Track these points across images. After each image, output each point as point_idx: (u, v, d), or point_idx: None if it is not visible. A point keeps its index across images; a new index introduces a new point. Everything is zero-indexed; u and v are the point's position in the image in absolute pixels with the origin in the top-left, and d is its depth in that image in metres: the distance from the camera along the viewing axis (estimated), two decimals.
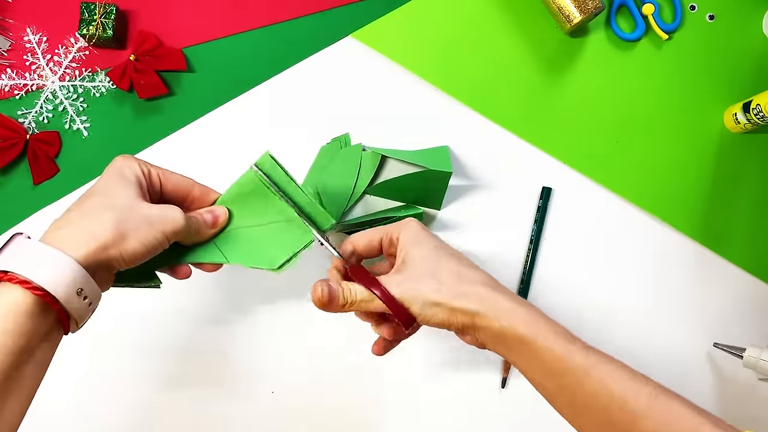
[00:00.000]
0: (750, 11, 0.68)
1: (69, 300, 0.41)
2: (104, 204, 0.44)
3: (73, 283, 0.41)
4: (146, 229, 0.44)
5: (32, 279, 0.39)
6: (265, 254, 0.52)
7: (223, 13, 0.68)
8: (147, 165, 0.49)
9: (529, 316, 0.46)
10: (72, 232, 0.42)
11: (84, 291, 0.41)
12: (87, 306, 0.42)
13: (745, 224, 0.66)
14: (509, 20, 0.68)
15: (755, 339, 0.65)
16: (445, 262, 0.48)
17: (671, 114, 0.67)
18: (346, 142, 0.66)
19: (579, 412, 0.46)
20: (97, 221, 0.43)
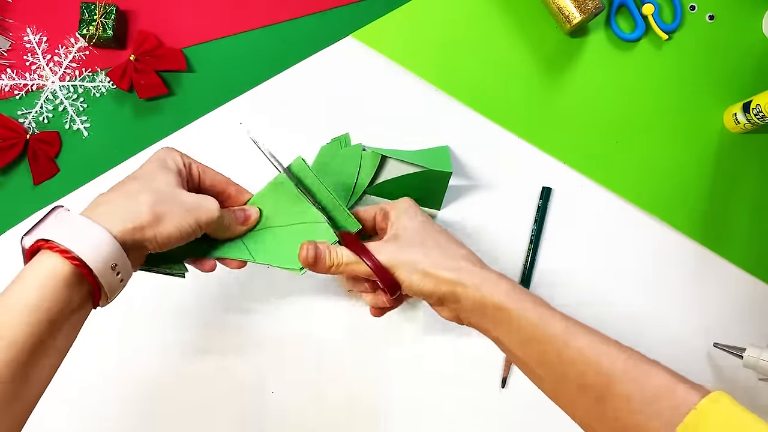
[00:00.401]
0: (750, 11, 0.68)
1: (103, 273, 0.42)
2: (144, 187, 0.46)
3: (108, 257, 0.42)
4: (182, 214, 0.46)
5: (71, 249, 0.41)
6: (290, 255, 0.53)
7: (223, 13, 0.68)
8: (188, 158, 0.51)
9: (510, 286, 0.48)
10: (111, 209, 0.44)
11: (118, 266, 0.43)
12: (119, 282, 0.44)
13: (745, 224, 0.66)
14: (509, 20, 0.68)
15: (755, 339, 0.65)
16: (433, 235, 0.50)
17: (671, 114, 0.67)
18: (346, 142, 0.66)
19: (556, 381, 0.46)
20: (136, 202, 0.44)
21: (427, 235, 0.50)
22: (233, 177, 0.67)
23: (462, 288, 0.47)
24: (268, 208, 0.55)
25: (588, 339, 0.45)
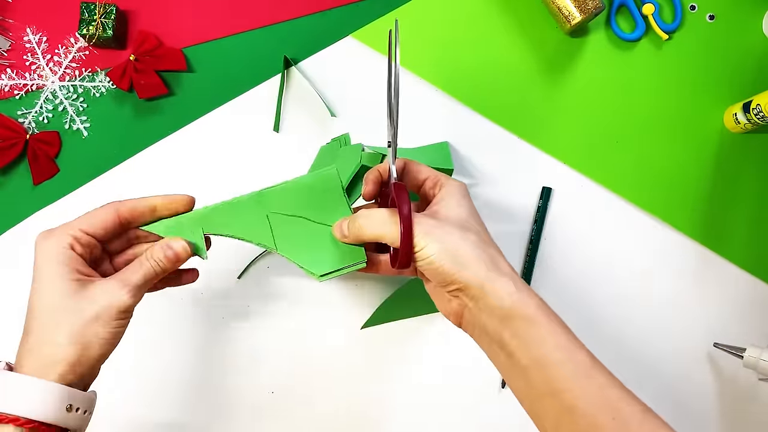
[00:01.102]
0: (750, 11, 0.68)
1: (62, 418, 0.42)
2: (52, 321, 0.44)
3: (60, 403, 0.42)
4: (101, 329, 0.44)
5: (20, 414, 0.41)
6: (314, 255, 0.50)
7: (223, 13, 0.68)
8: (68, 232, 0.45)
9: (543, 303, 0.45)
10: (40, 357, 0.43)
11: (74, 405, 0.43)
12: (82, 415, 0.44)
13: (745, 224, 0.66)
14: (509, 20, 0.68)
15: (755, 339, 0.65)
16: (476, 227, 0.47)
17: (671, 114, 0.67)
18: (346, 142, 0.66)
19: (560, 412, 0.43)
20: (56, 346, 0.43)
21: (471, 224, 0.47)
22: (234, 177, 0.67)
23: (491, 287, 0.44)
24: (307, 197, 0.51)
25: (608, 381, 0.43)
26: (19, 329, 0.67)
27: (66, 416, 0.42)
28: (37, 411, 0.41)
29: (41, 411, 0.41)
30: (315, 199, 0.51)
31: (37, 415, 0.41)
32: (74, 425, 0.43)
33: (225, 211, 0.50)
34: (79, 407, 0.43)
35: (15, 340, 0.66)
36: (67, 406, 0.42)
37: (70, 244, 0.45)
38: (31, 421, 0.41)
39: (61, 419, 0.42)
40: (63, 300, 0.44)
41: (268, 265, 0.66)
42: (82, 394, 0.44)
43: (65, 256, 0.45)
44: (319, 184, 0.51)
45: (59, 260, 0.44)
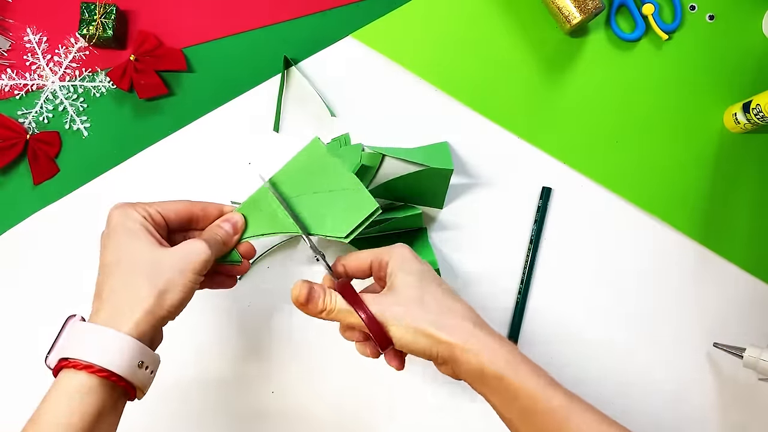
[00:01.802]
0: (750, 11, 0.68)
1: (132, 373, 0.42)
2: (130, 269, 0.45)
3: (132, 357, 0.42)
4: (179, 277, 0.45)
5: (94, 362, 0.41)
6: (332, 221, 0.52)
7: (223, 13, 0.68)
8: (144, 207, 0.48)
9: (511, 355, 0.46)
10: (116, 308, 0.43)
11: (144, 363, 0.43)
12: (149, 375, 0.44)
13: (745, 224, 0.66)
14: (509, 20, 0.68)
15: (755, 339, 0.65)
16: (432, 291, 0.48)
17: (671, 114, 0.67)
18: (346, 142, 0.66)
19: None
20: (134, 291, 0.44)
21: (426, 289, 0.48)
22: (233, 177, 0.68)
23: (460, 351, 0.45)
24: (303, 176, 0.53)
25: (591, 417, 0.45)
26: (19, 328, 0.67)
27: (136, 372, 0.42)
28: (112, 361, 0.41)
29: (116, 362, 0.41)
30: (310, 172, 0.53)
31: (112, 365, 0.41)
32: (140, 383, 0.43)
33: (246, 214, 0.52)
34: (148, 366, 0.44)
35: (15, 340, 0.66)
36: (139, 362, 0.43)
37: (145, 216, 0.47)
38: (104, 370, 0.41)
39: (131, 374, 0.42)
40: (143, 249, 0.45)
41: (268, 266, 0.66)
42: (151, 353, 0.44)
43: (143, 221, 0.47)
44: (306, 158, 0.53)
45: (138, 222, 0.47)
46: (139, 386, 0.43)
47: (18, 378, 0.64)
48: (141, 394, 0.45)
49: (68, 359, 0.42)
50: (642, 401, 0.65)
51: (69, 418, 0.40)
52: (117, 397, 0.43)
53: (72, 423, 0.40)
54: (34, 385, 0.64)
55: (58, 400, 0.41)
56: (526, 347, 0.65)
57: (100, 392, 0.41)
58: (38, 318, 0.64)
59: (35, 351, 0.64)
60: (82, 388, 0.41)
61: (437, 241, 0.66)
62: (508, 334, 0.65)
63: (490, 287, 0.66)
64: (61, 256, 0.65)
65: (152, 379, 0.45)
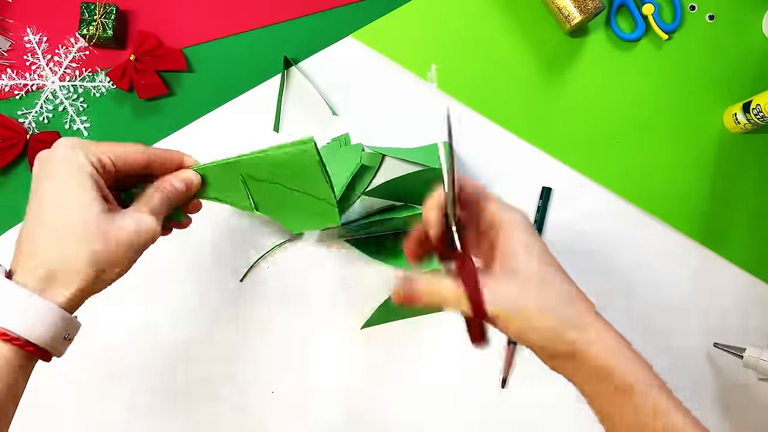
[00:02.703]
0: (750, 11, 0.68)
1: (55, 345, 0.39)
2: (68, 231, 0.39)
3: (61, 331, 0.39)
4: (123, 254, 0.41)
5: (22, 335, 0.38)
6: (289, 215, 0.52)
7: (223, 13, 0.68)
8: (95, 149, 0.41)
9: (634, 354, 0.42)
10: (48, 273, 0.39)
11: (70, 335, 0.40)
12: (68, 343, 0.41)
13: (745, 224, 0.66)
14: (509, 20, 0.68)
15: (755, 339, 0.65)
16: (552, 274, 0.42)
17: (671, 114, 0.67)
18: (346, 142, 0.66)
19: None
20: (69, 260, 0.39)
21: (548, 272, 0.41)
22: None
23: (582, 349, 0.40)
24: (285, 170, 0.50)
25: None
26: None
27: (60, 344, 0.40)
28: (40, 336, 0.38)
29: (45, 336, 0.38)
30: (290, 171, 0.50)
31: (39, 339, 0.38)
32: (58, 352, 0.40)
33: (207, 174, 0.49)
34: (70, 334, 0.40)
35: None
36: (66, 335, 0.40)
37: (94, 163, 0.41)
38: (29, 344, 0.38)
39: (54, 346, 0.39)
40: (85, 213, 0.40)
41: (268, 266, 0.66)
42: (77, 323, 0.41)
43: (90, 170, 0.40)
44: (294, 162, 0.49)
45: (85, 169, 0.40)
46: (57, 353, 0.40)
47: None
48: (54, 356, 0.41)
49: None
50: None
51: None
52: (31, 362, 0.40)
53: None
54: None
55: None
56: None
57: (17, 362, 0.38)
58: None
59: None
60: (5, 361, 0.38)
61: None
62: None
63: None
64: None
65: (67, 343, 0.41)
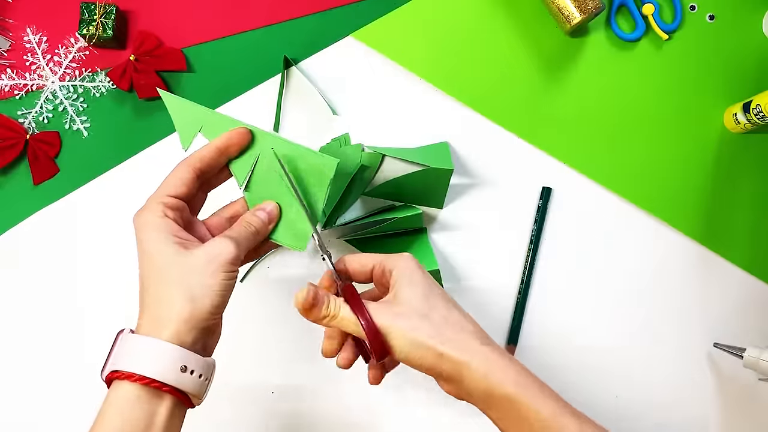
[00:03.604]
0: (750, 11, 0.68)
1: (176, 379, 0.43)
2: (161, 281, 0.45)
3: (173, 363, 0.42)
4: (209, 280, 0.45)
5: (135, 371, 0.42)
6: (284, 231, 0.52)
7: (223, 13, 0.68)
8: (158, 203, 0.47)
9: (521, 376, 0.45)
10: (156, 318, 0.44)
11: (189, 367, 0.43)
12: (197, 379, 0.44)
13: (745, 224, 0.66)
14: (509, 20, 0.68)
15: (755, 339, 0.65)
16: (438, 305, 0.47)
17: (671, 114, 0.67)
18: (346, 142, 0.66)
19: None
20: (168, 302, 0.44)
21: (431, 303, 0.46)
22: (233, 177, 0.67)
23: (467, 370, 0.44)
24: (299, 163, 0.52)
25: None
26: (19, 328, 0.67)
27: (181, 377, 0.43)
28: (152, 369, 0.42)
29: (156, 369, 0.42)
30: (304, 170, 0.52)
31: (152, 372, 0.42)
32: (191, 389, 0.43)
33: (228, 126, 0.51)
34: (194, 370, 0.43)
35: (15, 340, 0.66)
36: (182, 366, 0.43)
37: (163, 212, 0.47)
38: (145, 378, 0.42)
39: (175, 379, 0.42)
40: (170, 259, 0.45)
41: (268, 266, 0.66)
42: (196, 357, 0.44)
43: (162, 223, 0.46)
44: (316, 163, 0.51)
45: (158, 228, 0.46)
46: (190, 392, 0.43)
47: (18, 377, 0.64)
48: (196, 400, 0.45)
49: (116, 371, 0.43)
50: (642, 400, 0.65)
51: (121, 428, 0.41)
52: (170, 405, 0.43)
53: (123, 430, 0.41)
54: (33, 385, 0.64)
55: (108, 412, 0.42)
56: (526, 347, 0.65)
57: (147, 400, 0.42)
58: (38, 318, 0.64)
59: (35, 351, 0.65)
60: (130, 396, 0.42)
61: (437, 241, 0.66)
62: (508, 334, 0.65)
63: (490, 287, 0.66)
64: (61, 256, 0.65)
65: (205, 384, 0.45)
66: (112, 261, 0.65)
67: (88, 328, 0.65)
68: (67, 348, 0.64)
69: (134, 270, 0.46)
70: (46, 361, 0.64)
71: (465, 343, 0.45)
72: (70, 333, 0.65)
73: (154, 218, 0.47)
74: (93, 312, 0.65)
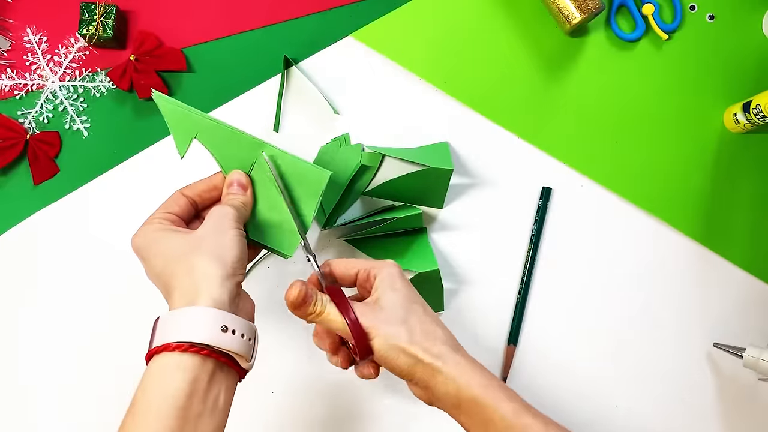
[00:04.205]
0: (750, 11, 0.68)
1: (215, 338, 0.42)
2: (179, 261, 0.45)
3: (211, 323, 0.42)
4: (223, 237, 0.46)
5: (171, 340, 0.42)
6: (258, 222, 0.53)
7: (224, 13, 0.68)
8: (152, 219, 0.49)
9: (487, 380, 0.47)
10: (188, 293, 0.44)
11: (229, 327, 0.43)
12: (242, 339, 0.43)
13: (745, 224, 0.66)
14: (509, 20, 0.68)
15: (755, 339, 0.65)
16: (416, 313, 0.49)
17: (671, 114, 0.67)
18: (346, 142, 0.66)
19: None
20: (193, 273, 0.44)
21: (410, 309, 0.49)
22: None
23: (438, 374, 0.47)
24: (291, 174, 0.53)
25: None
26: (19, 328, 0.67)
27: (222, 337, 0.42)
28: (190, 335, 0.41)
29: (194, 333, 0.41)
30: (296, 180, 0.52)
31: (190, 337, 0.41)
32: (237, 348, 0.43)
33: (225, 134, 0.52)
34: (235, 329, 0.43)
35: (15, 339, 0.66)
36: (222, 327, 0.42)
37: (160, 223, 0.48)
38: (181, 345, 0.41)
39: (216, 339, 0.42)
40: (179, 242, 0.46)
41: (268, 266, 0.66)
42: (235, 317, 0.43)
43: (160, 227, 0.48)
44: (309, 174, 0.52)
45: (157, 230, 0.48)
46: (234, 352, 0.43)
47: (17, 376, 0.64)
48: (244, 361, 0.44)
49: (153, 348, 0.42)
50: (642, 400, 0.65)
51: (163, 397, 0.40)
52: (212, 369, 0.42)
53: (166, 400, 0.40)
54: (35, 384, 0.64)
55: (146, 384, 0.42)
56: (525, 347, 0.65)
57: (187, 368, 0.41)
58: (38, 318, 0.64)
59: (35, 351, 0.65)
60: (170, 366, 0.41)
61: (437, 241, 0.66)
62: (508, 334, 0.65)
63: (490, 287, 0.66)
64: (61, 256, 0.65)
65: (250, 345, 0.45)
66: (113, 261, 0.65)
67: (88, 327, 0.65)
68: (68, 347, 0.64)
69: (134, 269, 0.47)
70: (45, 361, 0.64)
71: (438, 349, 0.47)
72: (70, 333, 0.65)
73: (152, 228, 0.48)
74: (93, 311, 0.65)
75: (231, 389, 0.45)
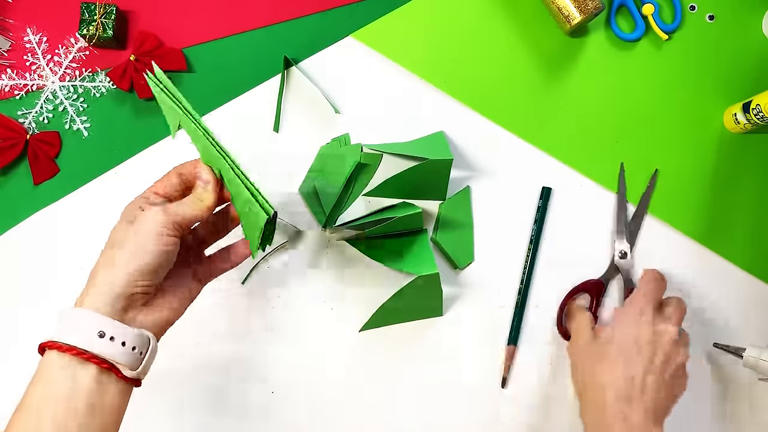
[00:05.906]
0: (750, 11, 0.68)
1: (93, 345, 0.42)
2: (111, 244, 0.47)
3: (90, 328, 0.42)
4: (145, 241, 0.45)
5: (54, 338, 0.42)
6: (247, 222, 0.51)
7: (224, 13, 0.68)
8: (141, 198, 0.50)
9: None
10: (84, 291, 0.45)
11: (107, 333, 0.42)
12: (121, 347, 0.43)
13: (745, 224, 0.66)
14: (509, 20, 0.68)
15: (755, 339, 0.65)
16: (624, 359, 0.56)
17: (671, 114, 0.67)
18: (346, 142, 0.66)
19: None
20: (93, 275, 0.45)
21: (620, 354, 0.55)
22: None
23: None
24: None
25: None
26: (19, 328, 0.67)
27: (99, 343, 0.42)
28: (71, 337, 0.42)
29: (74, 337, 0.42)
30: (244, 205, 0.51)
31: (71, 340, 0.42)
32: (119, 359, 0.43)
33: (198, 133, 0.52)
34: (114, 337, 0.42)
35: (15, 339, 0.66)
36: (99, 332, 0.42)
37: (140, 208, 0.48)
38: (63, 346, 0.42)
39: (93, 346, 0.42)
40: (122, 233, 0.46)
41: (268, 266, 0.66)
42: (115, 324, 0.43)
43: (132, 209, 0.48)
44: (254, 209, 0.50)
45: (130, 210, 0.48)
46: (117, 361, 0.43)
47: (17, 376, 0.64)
48: (129, 372, 0.44)
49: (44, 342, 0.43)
50: None
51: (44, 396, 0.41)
52: (94, 374, 0.42)
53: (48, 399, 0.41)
54: None
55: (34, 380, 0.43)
56: (525, 347, 0.65)
57: (69, 368, 0.42)
58: (38, 318, 0.64)
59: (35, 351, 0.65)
60: (55, 365, 0.42)
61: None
62: (508, 334, 0.65)
63: (490, 287, 0.65)
64: (61, 256, 0.65)
65: (138, 356, 0.44)
66: None
67: None
68: None
69: None
70: None
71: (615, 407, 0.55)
72: None
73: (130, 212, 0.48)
74: None
75: (123, 394, 0.44)
